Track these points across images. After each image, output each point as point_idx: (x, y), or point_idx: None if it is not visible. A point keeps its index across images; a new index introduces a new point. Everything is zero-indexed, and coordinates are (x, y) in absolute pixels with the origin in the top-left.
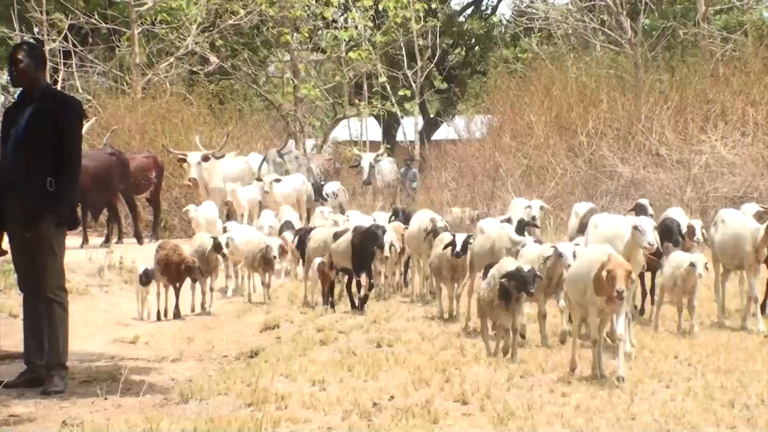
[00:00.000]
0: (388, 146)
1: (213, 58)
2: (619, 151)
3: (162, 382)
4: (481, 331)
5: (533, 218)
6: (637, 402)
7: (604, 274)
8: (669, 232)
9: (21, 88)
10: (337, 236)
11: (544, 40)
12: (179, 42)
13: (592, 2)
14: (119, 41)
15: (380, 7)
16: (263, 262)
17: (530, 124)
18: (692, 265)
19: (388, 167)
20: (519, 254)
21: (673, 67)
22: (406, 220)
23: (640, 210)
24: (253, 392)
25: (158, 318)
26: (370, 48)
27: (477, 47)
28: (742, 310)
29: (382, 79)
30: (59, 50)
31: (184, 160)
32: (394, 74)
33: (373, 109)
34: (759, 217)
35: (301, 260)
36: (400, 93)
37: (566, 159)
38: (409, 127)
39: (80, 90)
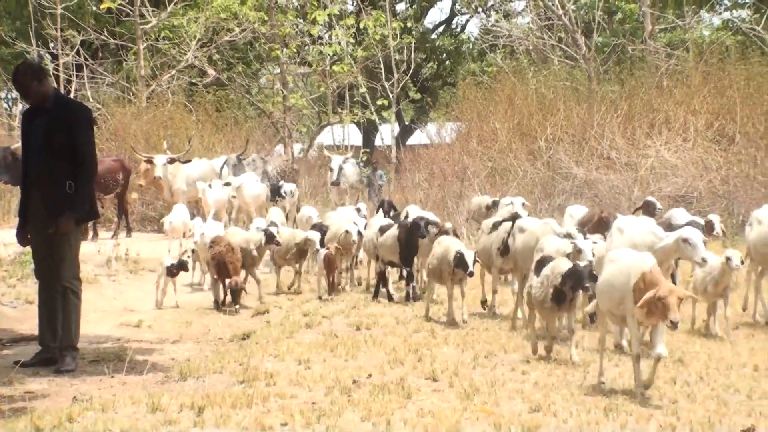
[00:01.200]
0: (367, 150)
1: (210, 71)
2: (574, 154)
3: (163, 362)
4: (528, 327)
5: (488, 207)
6: (589, 379)
7: (653, 296)
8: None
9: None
10: (383, 230)
11: (507, 56)
12: (180, 56)
13: (551, 22)
14: (126, 55)
15: (361, 25)
16: (298, 254)
17: (495, 130)
18: (728, 259)
19: (351, 169)
20: (539, 248)
21: (622, 80)
22: (390, 211)
23: (648, 207)
24: (245, 371)
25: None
26: (352, 62)
27: (447, 61)
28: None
29: (363, 89)
30: (72, 63)
31: (151, 162)
32: (373, 85)
33: (354, 116)
34: None
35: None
36: (379, 102)
37: (527, 162)
38: (387, 133)
39: (90, 99)
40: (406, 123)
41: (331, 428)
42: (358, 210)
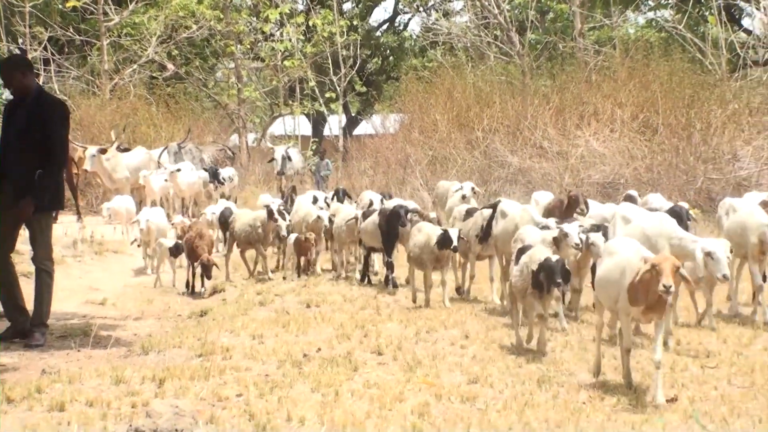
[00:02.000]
0: (316, 139)
1: (170, 66)
2: (509, 144)
3: (126, 337)
4: (510, 317)
5: (464, 197)
6: (524, 353)
7: (646, 270)
8: (677, 219)
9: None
10: (365, 216)
11: (447, 52)
12: (141, 52)
13: (487, 20)
14: (91, 51)
15: (310, 23)
16: (264, 237)
17: (435, 121)
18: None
19: (296, 157)
20: (518, 238)
21: (554, 75)
22: (344, 198)
23: (628, 201)
24: (202, 345)
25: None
26: (302, 57)
27: (391, 57)
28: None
29: (312, 83)
30: (40, 58)
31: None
32: (322, 79)
33: (304, 108)
34: (765, 205)
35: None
36: (327, 95)
37: (465, 150)
38: (334, 124)
39: (57, 92)
40: (353, 114)
41: (283, 399)
42: (315, 199)
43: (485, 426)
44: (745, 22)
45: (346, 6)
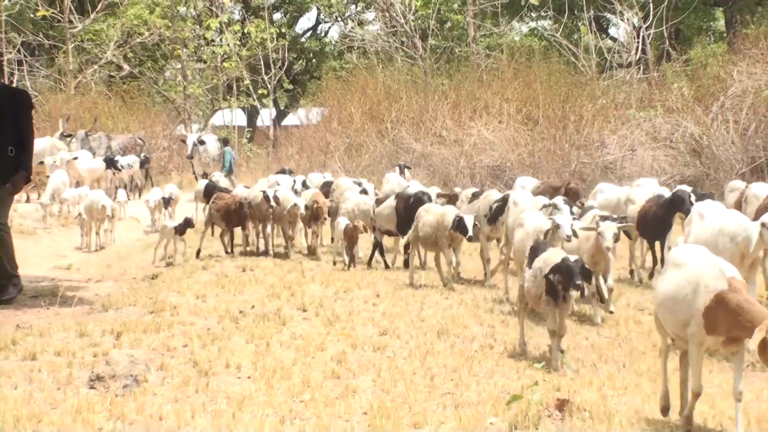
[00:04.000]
0: (250, 129)
1: (125, 66)
2: (413, 133)
3: (89, 297)
4: (519, 322)
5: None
6: (426, 309)
7: (758, 338)
8: (681, 202)
9: None
10: (379, 202)
11: (361, 55)
12: (101, 54)
13: (395, 29)
14: (58, 53)
15: (245, 30)
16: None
17: (351, 114)
18: (600, 234)
19: (213, 145)
20: (518, 222)
21: (451, 75)
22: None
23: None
24: (153, 303)
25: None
26: (238, 60)
27: (314, 60)
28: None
29: (247, 81)
30: (14, 60)
31: None
32: (255, 78)
33: (240, 103)
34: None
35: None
36: (260, 91)
37: (376, 139)
38: (266, 116)
39: (29, 88)
40: (282, 108)
41: (222, 349)
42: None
43: (393, 371)
44: (612, 31)
45: (276, 16)
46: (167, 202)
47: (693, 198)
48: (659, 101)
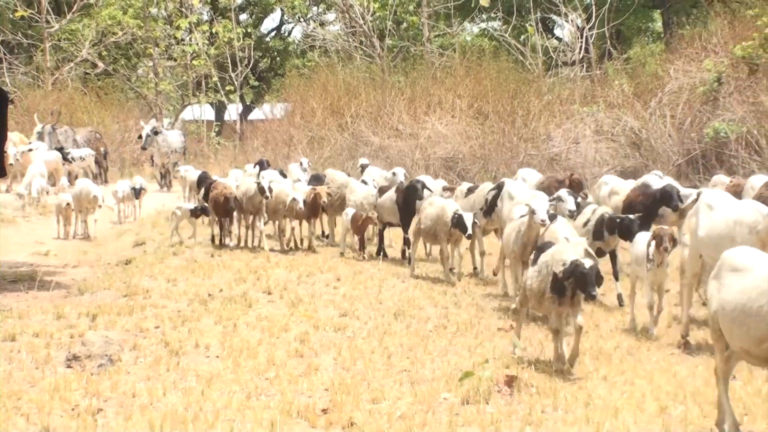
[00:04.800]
0: (219, 123)
1: (100, 64)
2: (372, 127)
3: (65, 281)
4: (515, 323)
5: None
6: (383, 292)
7: None
8: (669, 198)
9: None
10: (381, 192)
11: (322, 54)
12: (77, 53)
13: (354, 29)
14: (36, 52)
15: (213, 30)
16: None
17: (313, 109)
18: (533, 212)
19: (175, 138)
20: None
21: (407, 72)
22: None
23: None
24: (127, 287)
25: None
26: (207, 58)
27: (278, 58)
28: None
29: (215, 78)
30: None
31: None
32: (223, 75)
33: (208, 98)
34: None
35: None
36: (227, 88)
37: (337, 132)
38: (233, 111)
39: (9, 85)
40: (248, 103)
41: (192, 330)
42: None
43: (353, 350)
44: (557, 31)
45: (243, 17)
46: (138, 192)
47: (680, 193)
48: (601, 97)
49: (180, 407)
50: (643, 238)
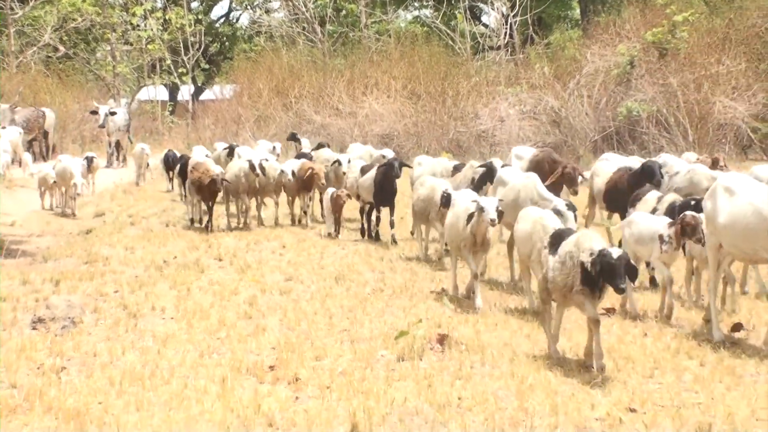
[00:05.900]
0: (172, 102)
1: (61, 48)
2: (314, 106)
3: (31, 250)
4: (542, 322)
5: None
6: (325, 258)
7: None
8: (651, 173)
9: None
10: (363, 171)
11: (268, 39)
12: (39, 37)
13: (297, 16)
14: (1, 37)
15: (167, 17)
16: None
17: (259, 90)
18: (482, 209)
19: (121, 116)
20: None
21: (346, 56)
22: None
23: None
24: (88, 255)
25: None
26: (161, 42)
27: (227, 42)
28: None
29: (168, 61)
30: None
31: None
32: (176, 59)
33: (162, 80)
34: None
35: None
36: (179, 70)
37: (282, 111)
38: (186, 92)
39: None
40: (199, 84)
41: (149, 294)
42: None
43: (297, 312)
44: (484, 18)
45: (194, 4)
46: (90, 161)
47: (663, 170)
48: (524, 79)
49: (138, 365)
50: (643, 217)
